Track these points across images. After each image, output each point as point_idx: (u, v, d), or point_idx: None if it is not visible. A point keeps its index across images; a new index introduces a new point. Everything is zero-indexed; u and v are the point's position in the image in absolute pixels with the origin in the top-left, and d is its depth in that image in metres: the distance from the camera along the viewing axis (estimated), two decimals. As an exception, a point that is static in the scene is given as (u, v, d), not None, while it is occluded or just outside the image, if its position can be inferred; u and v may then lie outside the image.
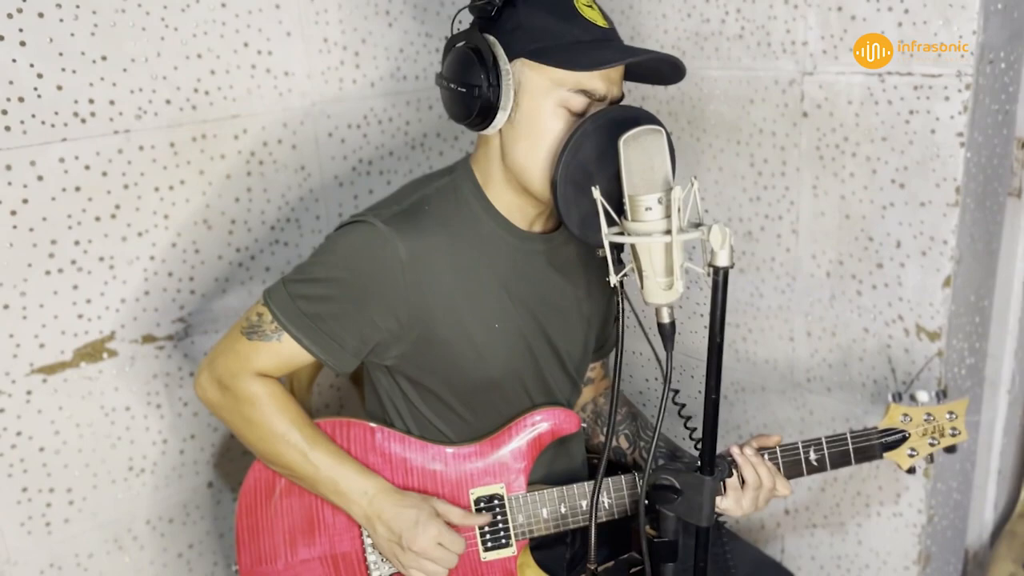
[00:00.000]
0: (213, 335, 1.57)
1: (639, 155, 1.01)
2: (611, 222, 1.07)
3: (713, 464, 1.07)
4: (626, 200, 1.03)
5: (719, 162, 1.74)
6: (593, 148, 1.09)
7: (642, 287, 1.05)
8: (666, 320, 1.07)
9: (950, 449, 1.39)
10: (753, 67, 1.64)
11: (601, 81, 1.14)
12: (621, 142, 1.01)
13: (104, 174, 1.42)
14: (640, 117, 1.10)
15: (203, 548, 1.65)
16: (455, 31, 1.22)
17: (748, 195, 1.71)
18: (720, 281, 1.00)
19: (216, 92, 1.51)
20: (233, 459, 1.65)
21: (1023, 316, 1.64)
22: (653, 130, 1.02)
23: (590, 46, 1.15)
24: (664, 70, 1.17)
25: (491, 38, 1.15)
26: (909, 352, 1.56)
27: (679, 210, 0.99)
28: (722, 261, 0.99)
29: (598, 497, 1.18)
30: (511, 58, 1.15)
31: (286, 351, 1.23)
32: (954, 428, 1.36)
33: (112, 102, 1.41)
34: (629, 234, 1.04)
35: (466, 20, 1.22)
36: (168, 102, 1.46)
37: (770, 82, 1.62)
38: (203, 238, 1.54)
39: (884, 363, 1.60)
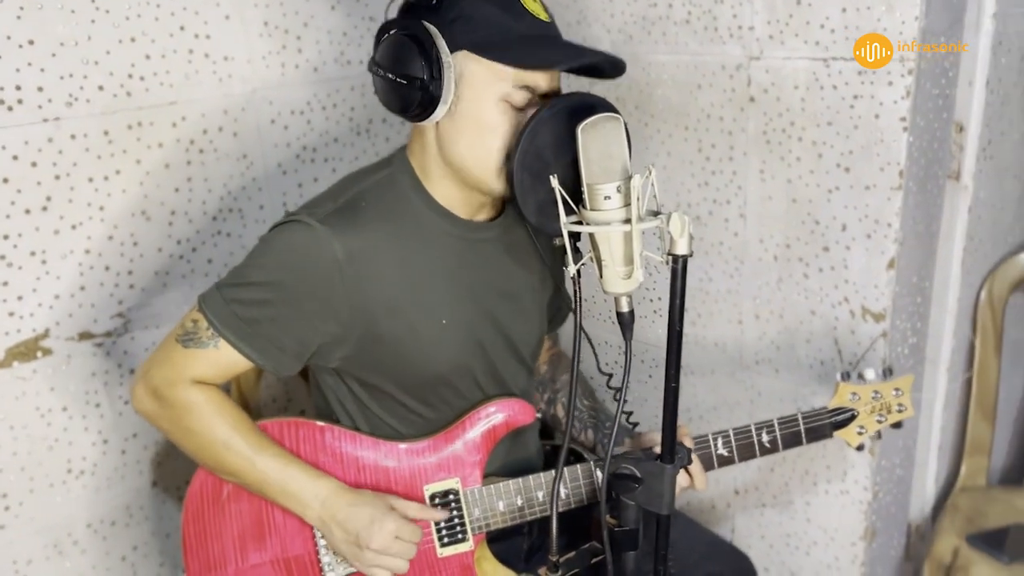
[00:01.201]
0: (154, 330, 1.52)
1: (597, 143, 1.00)
2: (569, 211, 1.06)
3: (674, 452, 1.07)
4: (584, 189, 1.02)
5: (667, 147, 1.74)
6: (550, 136, 1.08)
7: (601, 276, 1.04)
8: (625, 309, 1.06)
9: (897, 425, 1.43)
10: (700, 52, 1.64)
11: (544, 77, 1.14)
12: (579, 130, 1.00)
13: (34, 164, 1.35)
14: (596, 104, 1.09)
15: (148, 550, 1.60)
16: (388, 16, 1.18)
17: (696, 180, 1.72)
18: (679, 269, 0.99)
19: (152, 78, 1.45)
20: (178, 457, 1.60)
21: (961, 296, 1.68)
22: (611, 118, 1.01)
23: (535, 42, 1.14)
24: (604, 67, 1.16)
25: (431, 27, 1.12)
26: (855, 333, 1.59)
27: (639, 199, 0.99)
28: (681, 249, 0.99)
29: (558, 487, 1.17)
30: (453, 49, 1.12)
31: (224, 358, 1.19)
32: (900, 404, 1.40)
33: (41, 88, 1.34)
34: (588, 223, 1.03)
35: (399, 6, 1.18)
36: (101, 88, 1.40)
37: (717, 67, 1.63)
38: (141, 230, 1.48)
39: (830, 345, 1.62)
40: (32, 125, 1.34)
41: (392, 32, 1.15)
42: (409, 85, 1.12)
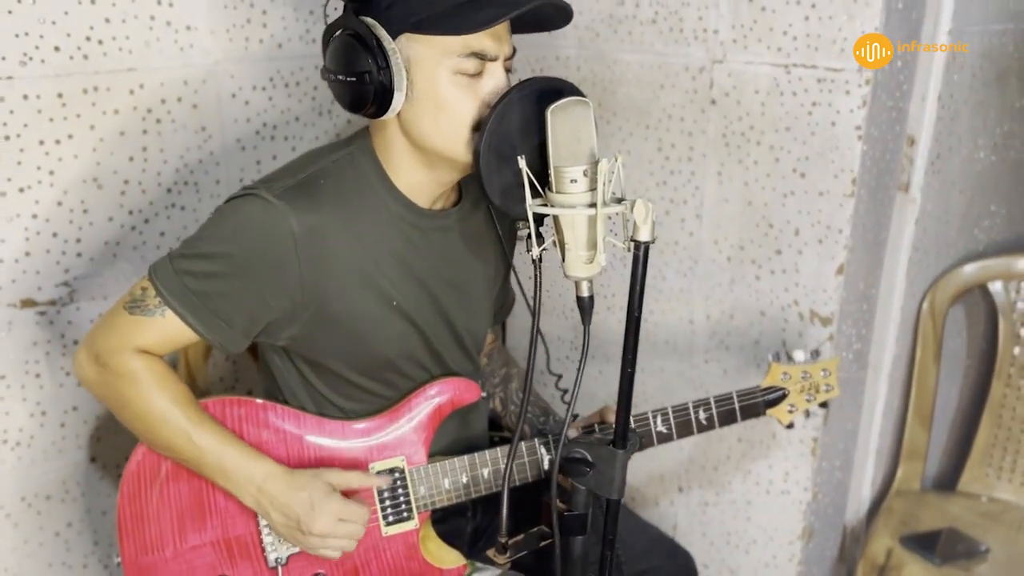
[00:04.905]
0: (101, 301, 1.48)
1: (566, 126, 1.01)
2: (534, 194, 1.06)
3: (626, 437, 1.08)
4: (551, 171, 1.03)
5: (628, 145, 1.76)
6: (518, 118, 1.08)
7: (563, 260, 1.05)
8: (585, 294, 1.07)
9: (823, 404, 1.48)
10: (665, 52, 1.67)
11: (490, 40, 1.11)
12: (549, 112, 1.00)
13: (-18, 123, 1.31)
14: (565, 88, 1.10)
15: (83, 527, 1.55)
16: (327, 20, 1.17)
17: (655, 179, 1.74)
18: (642, 256, 1.00)
19: (111, 42, 1.41)
20: (120, 432, 1.55)
21: (904, 305, 1.73)
22: (581, 101, 1.01)
23: (471, 6, 1.10)
24: (549, 13, 1.14)
25: (369, 20, 1.11)
26: (803, 336, 1.62)
27: (605, 183, 0.99)
28: (644, 236, 1.00)
29: (511, 469, 1.17)
30: (395, 36, 1.11)
31: (169, 328, 1.17)
32: (828, 384, 1.45)
33: (-6, 45, 1.30)
34: (553, 206, 1.03)
35: (339, 7, 1.15)
36: (57, 49, 1.36)
37: (681, 68, 1.65)
38: (93, 198, 1.44)
39: (779, 346, 1.65)
40: (-17, 82, 1.30)
41: (335, 34, 1.14)
42: (360, 83, 1.11)
